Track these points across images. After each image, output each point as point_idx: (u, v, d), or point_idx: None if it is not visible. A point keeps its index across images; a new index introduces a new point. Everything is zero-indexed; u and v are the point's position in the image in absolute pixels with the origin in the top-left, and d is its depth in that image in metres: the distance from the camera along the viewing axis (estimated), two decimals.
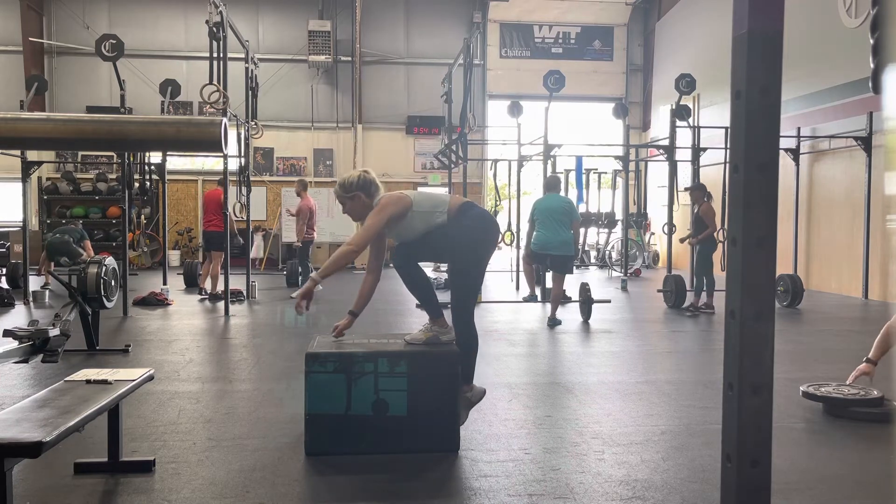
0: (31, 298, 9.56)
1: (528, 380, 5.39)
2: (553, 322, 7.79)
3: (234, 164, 10.45)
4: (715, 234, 9.03)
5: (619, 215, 14.80)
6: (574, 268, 8.35)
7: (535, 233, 7.93)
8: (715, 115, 14.07)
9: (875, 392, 4.34)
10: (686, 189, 9.86)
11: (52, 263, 10.50)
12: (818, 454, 3.71)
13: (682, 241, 9.43)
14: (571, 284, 9.80)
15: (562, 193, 8.36)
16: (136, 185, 10.16)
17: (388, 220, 3.71)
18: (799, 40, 10.94)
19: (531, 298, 8.63)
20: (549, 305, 8.24)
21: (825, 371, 5.68)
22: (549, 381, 5.31)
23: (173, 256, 15.84)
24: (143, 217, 12.71)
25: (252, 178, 10.75)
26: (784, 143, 11.01)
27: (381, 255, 3.95)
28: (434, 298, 3.87)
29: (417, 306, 9.48)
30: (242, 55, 10.76)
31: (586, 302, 8.18)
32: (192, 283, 11.63)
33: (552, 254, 7.79)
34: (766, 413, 1.81)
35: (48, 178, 15.59)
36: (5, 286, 10.03)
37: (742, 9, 1.76)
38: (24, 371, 5.40)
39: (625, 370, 5.71)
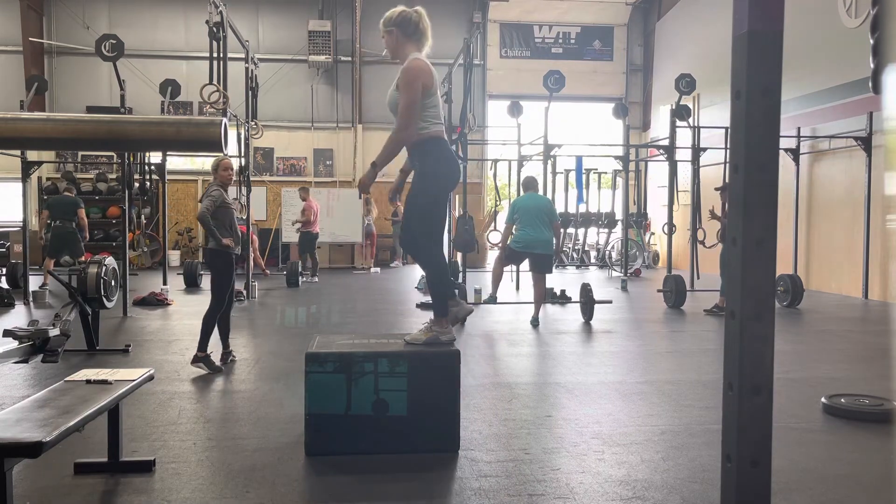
0: (31, 298, 9.56)
1: (528, 380, 5.39)
2: (536, 322, 7.79)
3: (234, 165, 10.44)
4: None
5: (619, 215, 14.80)
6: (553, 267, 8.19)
7: (518, 231, 7.73)
8: (715, 115, 14.06)
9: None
10: (717, 189, 9.61)
11: (53, 262, 10.48)
12: (818, 454, 3.70)
13: (711, 216, 9.12)
14: (572, 285, 9.80)
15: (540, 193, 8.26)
16: (136, 185, 10.16)
17: (421, 90, 3.56)
18: (799, 40, 10.93)
19: (492, 300, 8.47)
20: (532, 306, 8.11)
21: (825, 371, 5.69)
22: (549, 381, 5.31)
23: (173, 256, 15.83)
24: (143, 217, 12.70)
25: (252, 179, 10.75)
26: (784, 143, 11.00)
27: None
28: (447, 283, 3.80)
29: (417, 306, 9.50)
30: (242, 55, 10.76)
31: (588, 302, 8.16)
32: (192, 284, 11.62)
33: (536, 252, 7.68)
34: (766, 413, 1.81)
35: (48, 178, 15.58)
36: (5, 286, 10.02)
37: (742, 9, 1.76)
38: (24, 371, 5.40)
39: (625, 370, 5.71)
